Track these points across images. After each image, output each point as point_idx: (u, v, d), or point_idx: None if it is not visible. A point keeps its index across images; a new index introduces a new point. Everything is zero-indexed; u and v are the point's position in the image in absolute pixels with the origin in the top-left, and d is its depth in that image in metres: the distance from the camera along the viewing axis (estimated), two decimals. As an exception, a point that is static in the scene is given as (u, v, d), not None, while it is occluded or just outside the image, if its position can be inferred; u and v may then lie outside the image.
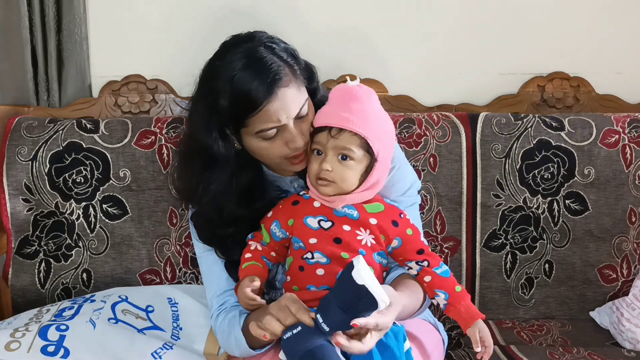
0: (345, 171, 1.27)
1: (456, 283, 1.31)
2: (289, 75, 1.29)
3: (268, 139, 1.31)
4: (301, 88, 1.32)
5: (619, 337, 1.74)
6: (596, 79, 2.06)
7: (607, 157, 1.86)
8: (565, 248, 1.88)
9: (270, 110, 1.26)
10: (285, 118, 1.28)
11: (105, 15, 1.97)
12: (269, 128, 1.28)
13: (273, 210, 1.35)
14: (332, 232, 1.27)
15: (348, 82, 1.31)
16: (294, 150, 1.31)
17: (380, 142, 1.27)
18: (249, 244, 1.35)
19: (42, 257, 1.80)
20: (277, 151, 1.32)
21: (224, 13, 1.99)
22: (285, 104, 1.28)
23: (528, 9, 2.04)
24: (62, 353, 1.40)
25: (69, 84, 1.95)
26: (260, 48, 1.30)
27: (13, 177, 1.77)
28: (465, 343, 1.73)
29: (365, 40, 2.02)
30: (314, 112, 1.35)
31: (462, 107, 2.03)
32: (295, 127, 1.30)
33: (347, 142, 1.26)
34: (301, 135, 1.31)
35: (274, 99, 1.26)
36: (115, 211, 1.80)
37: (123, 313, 1.56)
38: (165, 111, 1.99)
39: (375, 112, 1.30)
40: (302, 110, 1.31)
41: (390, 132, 1.33)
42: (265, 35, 1.35)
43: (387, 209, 1.33)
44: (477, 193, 1.85)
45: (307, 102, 1.32)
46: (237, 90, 1.26)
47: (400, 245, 1.32)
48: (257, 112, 1.26)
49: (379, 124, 1.29)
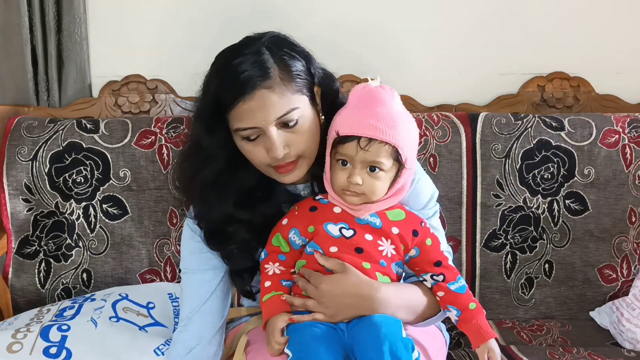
0: (375, 183, 1.22)
1: (471, 299, 1.28)
2: (276, 79, 1.23)
3: (250, 141, 1.27)
4: (289, 95, 1.24)
5: (619, 337, 1.74)
6: (596, 79, 2.06)
7: (607, 157, 1.86)
8: (565, 248, 1.88)
9: (245, 109, 1.23)
10: (261, 122, 1.23)
11: (105, 15, 1.97)
12: (244, 128, 1.25)
13: (288, 217, 1.30)
14: (354, 241, 1.24)
15: (370, 83, 1.25)
16: (273, 160, 1.26)
17: (408, 148, 1.23)
18: (265, 268, 1.30)
19: (42, 257, 1.80)
20: (259, 156, 1.27)
21: (224, 12, 1.99)
22: (263, 106, 1.22)
23: (528, 9, 2.04)
24: (64, 355, 1.40)
25: (69, 84, 1.95)
26: (261, 47, 1.27)
27: (13, 177, 1.77)
28: (465, 343, 1.73)
29: (365, 41, 2.02)
30: (314, 125, 1.29)
31: (462, 107, 2.03)
32: (277, 135, 1.24)
33: (377, 153, 1.20)
34: (284, 145, 1.25)
35: (250, 98, 1.22)
36: (115, 211, 1.80)
37: (124, 311, 1.56)
38: (165, 111, 1.99)
39: (401, 115, 1.24)
40: (286, 118, 1.24)
41: (415, 134, 1.27)
42: (276, 36, 1.32)
43: (408, 217, 1.28)
44: (477, 193, 1.85)
45: (298, 112, 1.25)
46: (220, 82, 1.26)
47: (417, 255, 1.28)
48: (233, 108, 1.23)
49: (406, 128, 1.23)
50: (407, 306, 1.27)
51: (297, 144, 1.26)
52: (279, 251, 1.29)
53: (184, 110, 1.98)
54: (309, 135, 1.28)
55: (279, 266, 1.29)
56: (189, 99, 1.99)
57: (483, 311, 1.28)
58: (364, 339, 1.18)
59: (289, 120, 1.24)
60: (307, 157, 1.30)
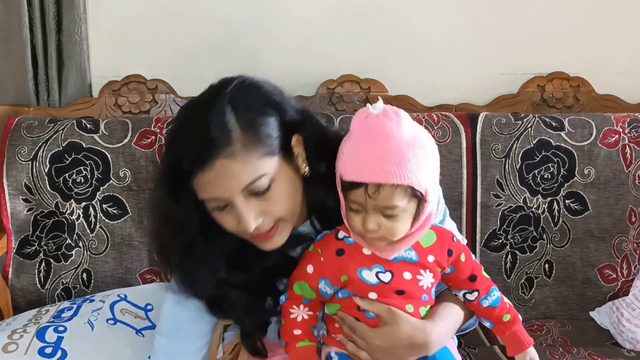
0: (393, 225, 1.09)
1: (504, 311, 1.20)
2: (238, 144, 1.07)
3: (220, 210, 1.12)
4: (254, 161, 1.08)
5: (619, 337, 1.74)
6: (596, 79, 2.06)
7: (607, 157, 1.86)
8: (565, 248, 1.88)
9: (206, 181, 1.08)
10: (224, 193, 1.08)
11: (105, 15, 1.97)
12: (208, 199, 1.10)
13: (312, 264, 1.15)
14: (393, 284, 1.13)
15: (371, 110, 1.07)
16: (244, 232, 1.12)
17: (426, 179, 1.07)
18: (290, 312, 1.17)
19: (42, 257, 1.80)
20: (230, 227, 1.12)
21: (224, 12, 1.99)
22: (224, 177, 1.07)
23: (528, 9, 2.04)
24: (59, 355, 1.40)
25: (69, 84, 1.95)
26: (224, 105, 1.10)
27: (13, 177, 1.77)
28: (465, 343, 1.73)
29: (366, 40, 2.02)
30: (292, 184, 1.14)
31: (462, 107, 2.03)
32: (246, 206, 1.09)
33: (389, 199, 1.06)
34: (256, 214, 1.10)
35: (209, 169, 1.06)
36: (115, 211, 1.80)
37: (122, 313, 1.56)
38: (165, 111, 1.99)
39: (412, 144, 1.07)
40: (253, 187, 1.08)
41: (433, 159, 1.11)
42: (243, 86, 1.14)
43: (439, 236, 1.16)
44: (477, 193, 1.85)
45: (267, 178, 1.09)
46: (179, 147, 1.10)
47: (452, 272, 1.19)
48: (193, 178, 1.08)
49: (420, 158, 1.07)
50: (453, 330, 1.22)
51: (273, 211, 1.11)
52: (303, 297, 1.17)
53: (184, 110, 1.98)
54: (285, 198, 1.13)
55: (307, 311, 1.17)
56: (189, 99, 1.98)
57: (519, 320, 1.22)
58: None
59: (257, 188, 1.09)
60: (289, 219, 1.15)
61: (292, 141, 1.15)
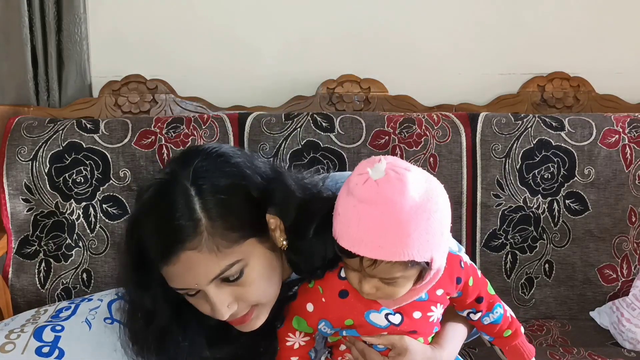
0: (392, 290, 1.01)
1: (505, 327, 1.17)
2: (202, 234, 0.99)
3: (192, 296, 1.04)
4: (224, 250, 1.00)
5: (619, 337, 1.74)
6: (596, 79, 2.06)
7: (607, 157, 1.86)
8: (565, 248, 1.88)
9: (172, 273, 1.01)
10: (194, 284, 1.01)
11: (105, 15, 1.97)
12: (177, 289, 1.04)
13: (312, 302, 1.08)
14: (404, 326, 1.08)
15: (370, 173, 0.96)
16: (219, 318, 1.04)
17: (430, 247, 0.97)
18: (286, 340, 1.12)
19: (42, 257, 1.80)
20: (205, 310, 1.05)
21: (224, 12, 1.99)
22: (190, 270, 1.00)
23: (528, 9, 2.04)
24: (56, 354, 1.39)
25: (69, 84, 1.95)
26: (184, 186, 1.01)
27: (13, 177, 1.77)
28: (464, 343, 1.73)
29: (366, 40, 2.02)
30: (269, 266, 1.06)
31: (462, 107, 2.03)
32: (218, 294, 1.02)
33: (387, 272, 0.98)
34: (230, 301, 1.03)
35: (174, 262, 0.99)
36: (115, 211, 1.80)
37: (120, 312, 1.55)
38: (165, 111, 1.99)
39: (416, 210, 0.95)
40: (224, 275, 1.01)
41: (440, 219, 0.99)
42: (207, 159, 1.04)
43: (448, 265, 1.06)
44: (477, 193, 1.85)
45: (238, 265, 1.02)
46: (136, 238, 1.04)
47: (459, 296, 1.14)
48: (159, 268, 1.02)
49: (423, 228, 0.96)
50: (459, 347, 1.21)
51: (248, 297, 1.04)
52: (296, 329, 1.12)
53: (184, 110, 1.98)
54: (261, 281, 1.05)
55: (303, 337, 1.12)
56: (189, 99, 1.99)
57: (520, 334, 1.19)
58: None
59: (228, 276, 1.02)
60: (266, 302, 1.07)
61: (267, 216, 1.06)
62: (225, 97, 1.97)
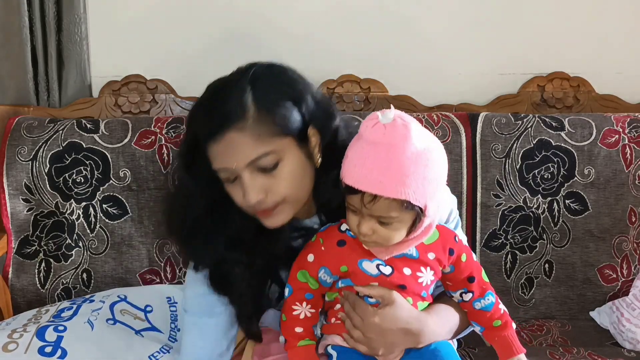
0: (387, 233, 1.09)
1: (496, 317, 1.21)
2: (249, 120, 1.11)
3: (230, 182, 1.16)
4: (265, 138, 1.12)
5: (619, 337, 1.74)
6: (596, 79, 2.06)
7: (607, 157, 1.86)
8: (565, 248, 1.88)
9: (217, 151, 1.13)
10: (232, 164, 1.13)
11: (105, 15, 1.97)
12: (218, 169, 1.15)
13: (313, 253, 1.17)
14: (394, 278, 1.14)
15: (380, 118, 1.06)
16: (246, 205, 1.15)
17: (426, 194, 1.06)
18: (293, 309, 1.18)
19: (42, 257, 1.80)
20: (238, 199, 1.16)
21: (224, 12, 1.99)
22: (232, 149, 1.12)
23: (528, 9, 2.04)
24: (59, 354, 1.40)
25: (69, 84, 1.95)
26: (245, 83, 1.15)
27: (13, 177, 1.77)
28: (465, 343, 1.73)
29: (366, 40, 2.02)
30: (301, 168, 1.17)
31: (462, 107, 2.03)
32: (251, 180, 1.13)
33: (384, 210, 1.06)
34: (260, 190, 1.14)
35: (220, 140, 1.12)
36: (115, 211, 1.80)
37: (121, 313, 1.56)
38: (165, 111, 1.99)
39: (417, 158, 1.05)
40: (260, 162, 1.12)
41: (437, 171, 1.08)
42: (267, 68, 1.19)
43: (442, 234, 1.17)
44: (477, 193, 1.85)
45: (274, 156, 1.13)
46: (198, 118, 1.17)
47: (452, 271, 1.20)
48: (207, 147, 1.14)
49: (421, 173, 1.05)
50: (449, 330, 1.23)
51: (277, 189, 1.14)
52: (306, 288, 1.18)
53: (184, 110, 1.98)
54: (291, 180, 1.15)
55: (310, 308, 1.18)
56: (189, 99, 1.99)
57: (511, 327, 1.22)
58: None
59: (263, 165, 1.13)
60: (291, 202, 1.17)
61: (309, 131, 1.17)
62: (225, 97, 1.97)
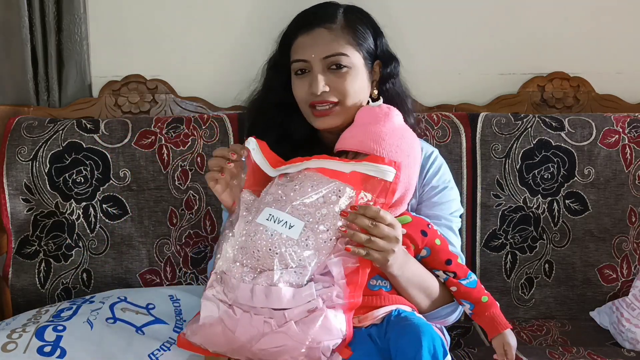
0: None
1: (483, 294, 1.34)
2: (337, 25, 1.39)
3: (298, 75, 1.41)
4: (344, 43, 1.38)
5: (619, 337, 1.74)
6: (596, 79, 2.06)
7: (607, 157, 1.86)
8: (565, 248, 1.88)
9: (302, 42, 1.40)
10: (311, 55, 1.37)
11: (105, 15, 1.97)
12: (296, 60, 1.40)
13: None
14: None
15: (371, 104, 1.41)
16: (312, 95, 1.38)
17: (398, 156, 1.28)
18: None
19: (42, 257, 1.80)
20: (302, 92, 1.40)
21: (224, 13, 1.99)
22: (316, 42, 1.38)
23: (528, 10, 2.04)
24: (58, 353, 1.40)
25: (69, 84, 1.95)
26: (338, 7, 1.45)
27: (13, 177, 1.77)
28: (464, 343, 1.74)
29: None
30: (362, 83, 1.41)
31: (462, 107, 2.03)
32: (321, 72, 1.38)
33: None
34: (325, 83, 1.37)
35: (308, 33, 1.39)
36: (115, 211, 1.80)
37: (122, 311, 1.55)
38: (165, 111, 1.99)
39: (392, 130, 1.32)
40: (334, 59, 1.37)
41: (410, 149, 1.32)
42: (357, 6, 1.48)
43: (415, 221, 1.34)
44: (477, 193, 1.85)
45: (347, 59, 1.38)
46: (291, 22, 1.45)
47: (428, 255, 1.33)
48: (294, 41, 1.41)
49: (394, 142, 1.30)
50: (420, 283, 1.30)
51: (339, 87, 1.38)
52: None
53: (184, 110, 1.98)
54: (352, 87, 1.39)
55: None
56: (189, 99, 1.99)
57: (496, 304, 1.33)
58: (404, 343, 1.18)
59: (336, 62, 1.38)
60: (345, 107, 1.39)
61: (375, 64, 1.46)
62: (225, 97, 1.97)
